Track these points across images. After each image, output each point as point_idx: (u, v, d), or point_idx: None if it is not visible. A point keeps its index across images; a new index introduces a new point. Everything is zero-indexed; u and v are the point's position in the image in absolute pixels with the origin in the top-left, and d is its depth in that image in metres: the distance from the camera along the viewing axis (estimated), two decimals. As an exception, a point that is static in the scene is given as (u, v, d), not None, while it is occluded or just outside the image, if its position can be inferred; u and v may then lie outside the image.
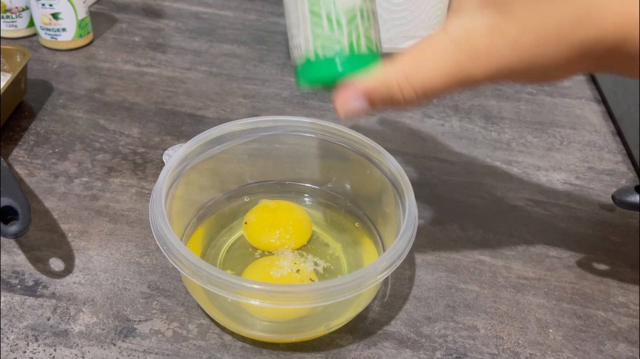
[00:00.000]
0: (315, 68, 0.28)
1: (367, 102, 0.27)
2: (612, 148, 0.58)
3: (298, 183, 0.45)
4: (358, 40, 0.27)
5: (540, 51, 0.24)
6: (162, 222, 0.32)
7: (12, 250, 0.41)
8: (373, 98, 0.27)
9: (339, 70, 0.27)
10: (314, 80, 0.28)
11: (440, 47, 0.26)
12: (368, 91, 0.27)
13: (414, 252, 0.44)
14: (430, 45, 0.26)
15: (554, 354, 0.37)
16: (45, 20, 0.62)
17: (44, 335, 0.35)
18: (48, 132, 0.52)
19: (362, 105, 0.27)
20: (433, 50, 0.26)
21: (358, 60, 0.27)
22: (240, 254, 0.41)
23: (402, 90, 0.26)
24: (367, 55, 0.27)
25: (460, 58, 0.25)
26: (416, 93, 0.26)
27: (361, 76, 0.27)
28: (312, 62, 0.28)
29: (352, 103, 0.27)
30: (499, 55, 0.25)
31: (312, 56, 0.27)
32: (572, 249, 0.45)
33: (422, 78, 0.26)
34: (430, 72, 0.26)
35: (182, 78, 0.62)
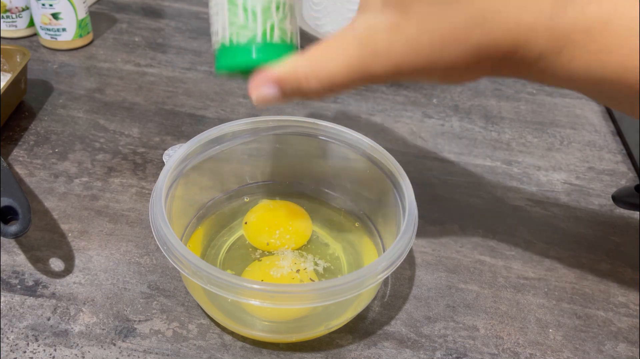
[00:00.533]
0: (230, 54, 0.29)
1: (277, 89, 0.28)
2: (612, 148, 0.58)
3: (298, 183, 0.45)
4: (272, 30, 0.29)
5: (437, 51, 0.25)
6: (162, 222, 0.32)
7: (12, 250, 0.41)
8: (283, 86, 0.28)
9: (252, 57, 0.29)
10: (228, 66, 0.30)
11: (345, 42, 0.27)
12: (278, 79, 0.28)
13: (414, 252, 0.44)
14: (336, 39, 0.27)
15: (554, 354, 0.37)
16: (45, 20, 0.62)
17: (44, 335, 0.35)
18: (48, 132, 0.52)
19: (273, 92, 0.29)
20: (338, 45, 0.27)
21: (271, 49, 0.29)
22: (240, 254, 0.41)
23: (307, 80, 0.27)
24: (279, 45, 0.29)
25: (361, 53, 0.26)
26: (321, 85, 0.27)
27: (273, 65, 0.28)
28: (228, 49, 0.29)
29: (264, 90, 0.29)
30: (398, 53, 0.25)
31: (227, 43, 0.29)
32: (572, 249, 0.45)
33: (327, 71, 0.27)
34: (334, 66, 0.27)
35: (182, 78, 0.62)
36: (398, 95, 0.63)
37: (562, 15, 0.24)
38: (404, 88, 0.64)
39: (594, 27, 0.23)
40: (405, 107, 0.61)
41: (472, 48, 0.24)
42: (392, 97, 0.62)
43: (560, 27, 0.24)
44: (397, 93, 0.63)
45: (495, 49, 0.24)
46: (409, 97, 0.63)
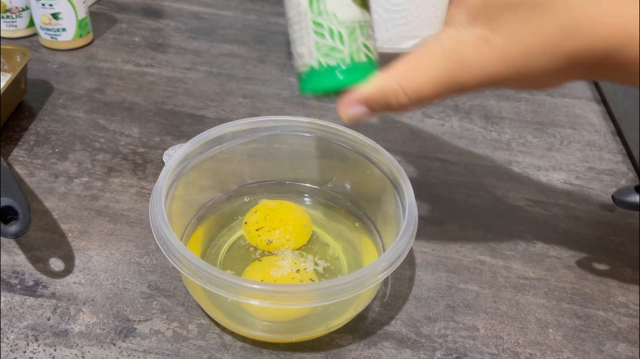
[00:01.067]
0: (319, 77, 0.30)
1: (366, 107, 0.29)
2: (612, 148, 0.58)
3: (298, 183, 0.45)
4: (358, 51, 0.29)
5: (527, 62, 0.25)
6: (162, 222, 0.32)
7: (12, 250, 0.41)
8: (371, 104, 0.29)
9: (341, 78, 0.29)
10: (317, 88, 0.30)
11: (432, 56, 0.27)
12: (366, 98, 0.29)
13: (414, 252, 0.44)
14: (423, 54, 0.28)
15: (554, 354, 0.37)
16: (45, 20, 0.62)
17: (44, 335, 0.35)
18: (48, 132, 0.52)
19: (362, 110, 0.30)
20: (425, 59, 0.27)
21: (358, 68, 0.29)
22: (240, 254, 0.41)
23: (396, 96, 0.28)
24: (365, 64, 0.30)
25: (449, 67, 0.26)
26: (409, 99, 0.28)
27: (360, 84, 0.29)
28: (316, 71, 0.30)
29: (353, 109, 0.30)
30: (487, 65, 0.26)
31: (316, 65, 0.29)
32: (572, 249, 0.45)
33: (414, 86, 0.28)
34: (421, 80, 0.27)
35: (182, 78, 0.62)
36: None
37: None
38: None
39: None
40: (405, 107, 0.61)
41: (565, 56, 0.24)
42: (392, 97, 0.62)
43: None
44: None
45: (589, 55, 0.24)
46: (409, 97, 0.62)
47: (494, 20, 0.25)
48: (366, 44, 0.30)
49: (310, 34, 0.29)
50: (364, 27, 0.29)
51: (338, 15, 0.29)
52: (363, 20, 0.29)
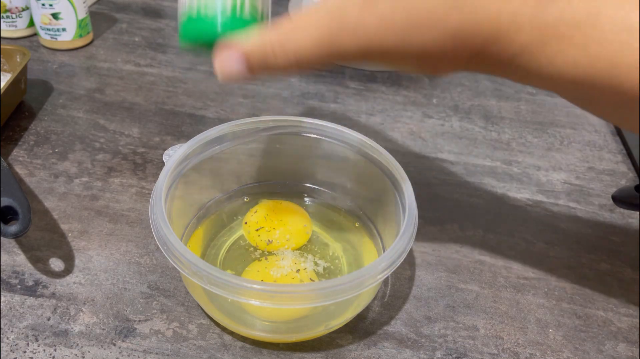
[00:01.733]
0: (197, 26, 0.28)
1: (245, 64, 0.27)
2: (612, 148, 0.58)
3: (298, 183, 0.45)
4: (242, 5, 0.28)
5: (410, 30, 0.24)
6: (162, 222, 0.32)
7: (12, 250, 0.41)
8: (250, 62, 0.27)
9: (218, 29, 0.28)
10: (193, 38, 0.29)
11: (316, 16, 0.26)
12: (246, 53, 0.27)
13: (414, 252, 0.44)
14: (308, 14, 0.26)
15: (554, 354, 0.37)
16: (45, 20, 0.62)
17: (44, 335, 0.35)
18: (48, 132, 0.52)
19: (241, 67, 0.28)
20: (309, 19, 0.26)
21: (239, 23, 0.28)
22: (240, 254, 0.41)
23: (276, 55, 0.26)
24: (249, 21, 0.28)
25: (331, 26, 0.25)
26: (289, 60, 0.26)
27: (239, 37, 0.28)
28: (194, 20, 0.28)
29: (231, 65, 0.28)
30: (369, 28, 0.25)
31: (194, 14, 0.28)
32: (572, 249, 0.45)
33: (295, 45, 0.26)
34: (302, 40, 0.26)
35: (182, 78, 0.62)
36: (398, 95, 0.63)
37: (548, 7, 0.23)
38: (404, 88, 0.64)
39: (582, 21, 0.22)
40: (405, 107, 0.61)
41: (449, 31, 0.24)
42: (392, 97, 0.62)
43: (546, 18, 0.23)
44: (397, 93, 0.63)
45: (474, 35, 0.23)
46: (409, 97, 0.63)
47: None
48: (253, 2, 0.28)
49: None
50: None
51: None
52: None
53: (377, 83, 0.65)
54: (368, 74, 0.66)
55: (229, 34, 0.28)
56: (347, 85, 0.63)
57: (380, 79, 0.65)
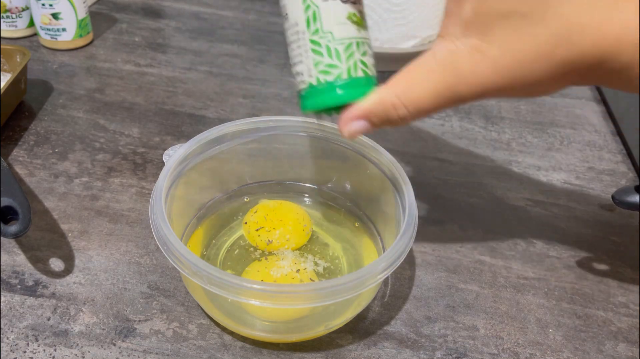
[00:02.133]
0: (318, 94, 0.30)
1: (366, 122, 0.30)
2: (612, 148, 0.58)
3: (298, 183, 0.45)
4: (355, 66, 0.30)
5: (521, 70, 0.25)
6: (162, 222, 0.32)
7: (12, 250, 0.41)
8: (371, 119, 0.30)
9: (339, 94, 0.30)
10: (317, 105, 0.31)
11: (428, 68, 0.27)
12: (367, 113, 0.29)
13: (414, 252, 0.44)
14: (419, 66, 0.28)
15: (554, 354, 0.37)
16: (45, 20, 0.62)
17: (44, 335, 0.35)
18: (48, 132, 0.52)
19: (363, 125, 0.30)
20: (421, 72, 0.28)
21: (355, 84, 0.30)
22: (240, 254, 0.41)
23: (396, 109, 0.29)
24: (363, 79, 0.30)
25: (446, 78, 0.27)
26: (409, 112, 0.28)
27: (359, 99, 0.30)
28: (315, 88, 0.30)
29: (354, 125, 0.30)
30: (482, 75, 0.26)
31: (315, 82, 0.30)
32: (572, 249, 0.45)
33: (413, 98, 0.28)
34: (419, 93, 0.28)
35: (182, 78, 0.62)
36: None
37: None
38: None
39: None
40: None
41: (558, 63, 0.25)
42: (392, 97, 0.62)
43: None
44: (397, 93, 0.63)
45: (581, 62, 0.25)
46: (409, 97, 0.62)
47: (487, 30, 0.25)
48: (363, 60, 0.30)
49: (309, 53, 0.30)
50: (361, 44, 0.30)
51: (334, 33, 0.29)
52: (360, 38, 0.30)
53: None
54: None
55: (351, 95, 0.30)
56: (347, 85, 0.63)
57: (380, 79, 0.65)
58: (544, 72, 0.25)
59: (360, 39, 0.30)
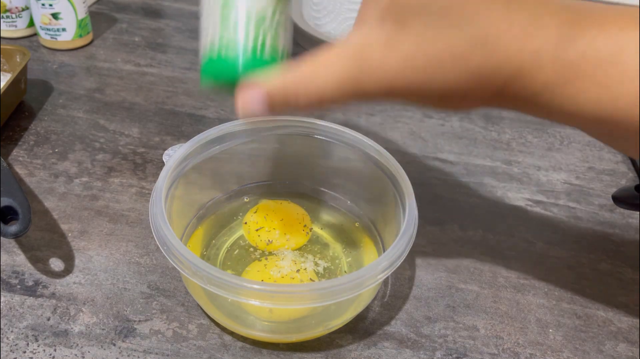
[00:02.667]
0: (218, 66, 0.29)
1: (266, 104, 0.28)
2: (612, 148, 0.58)
3: (298, 183, 0.45)
4: (263, 46, 0.28)
5: (432, 71, 0.24)
6: (162, 222, 0.32)
7: (12, 250, 0.41)
8: (272, 101, 0.28)
9: (240, 70, 0.28)
10: (214, 78, 0.29)
11: (337, 56, 0.26)
12: (267, 93, 0.28)
13: (414, 252, 0.44)
14: (329, 54, 0.26)
15: (554, 354, 0.37)
16: (45, 20, 0.62)
17: (44, 335, 0.35)
18: (48, 132, 0.52)
19: (262, 106, 0.28)
20: (330, 59, 0.26)
21: (260, 63, 0.28)
22: (240, 254, 0.41)
23: (298, 95, 0.27)
24: (269, 60, 0.29)
25: (353, 69, 0.25)
26: (310, 100, 0.27)
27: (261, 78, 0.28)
28: (215, 60, 0.29)
29: (253, 104, 0.28)
30: (392, 69, 0.24)
31: (215, 55, 0.29)
32: (572, 249, 0.45)
33: (317, 86, 0.26)
34: (324, 80, 0.26)
35: (182, 78, 0.62)
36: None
37: (569, 46, 0.23)
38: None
39: (604, 59, 0.22)
40: (405, 107, 0.61)
41: (471, 71, 0.23)
42: (392, 97, 0.62)
43: (568, 57, 0.23)
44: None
45: (496, 74, 0.23)
46: (409, 97, 0.63)
47: (403, 22, 0.24)
48: (274, 42, 0.29)
49: (217, 25, 0.28)
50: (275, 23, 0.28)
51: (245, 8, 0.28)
52: (275, 17, 0.28)
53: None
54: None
55: (250, 74, 0.28)
56: (347, 85, 0.63)
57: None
58: (456, 79, 0.24)
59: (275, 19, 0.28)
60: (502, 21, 0.23)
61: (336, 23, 0.65)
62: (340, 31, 0.65)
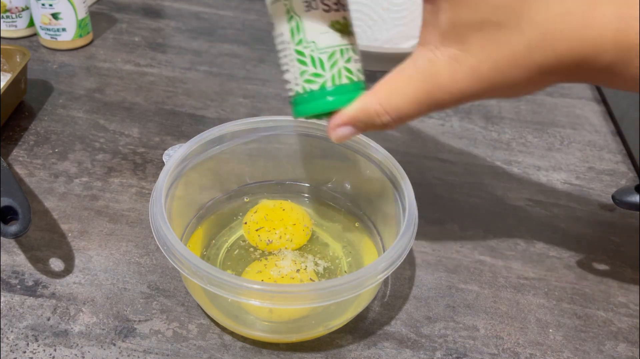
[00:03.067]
0: (304, 101, 0.32)
1: (352, 128, 0.31)
2: (612, 148, 0.58)
3: (298, 183, 0.45)
4: (339, 74, 0.31)
5: (498, 77, 0.26)
6: (162, 222, 0.32)
7: (12, 250, 0.41)
8: (356, 124, 0.31)
9: (324, 101, 0.31)
10: (304, 112, 0.32)
11: (408, 76, 0.29)
12: (351, 119, 0.31)
13: (414, 252, 0.44)
14: (400, 74, 0.29)
15: (554, 354, 0.37)
16: (45, 20, 0.62)
17: (44, 335, 0.35)
18: (48, 132, 0.52)
19: (349, 130, 0.31)
20: (402, 80, 0.29)
21: (340, 91, 0.31)
22: (240, 254, 0.41)
23: (379, 116, 0.30)
24: (348, 85, 0.31)
25: (426, 86, 0.28)
26: (392, 118, 0.29)
27: (345, 105, 0.31)
28: (301, 96, 0.32)
29: (340, 131, 0.31)
30: (460, 82, 0.27)
31: (301, 91, 0.31)
32: (572, 249, 0.45)
33: (395, 106, 0.29)
34: (401, 100, 0.29)
35: (182, 78, 0.62)
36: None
37: (629, 29, 0.24)
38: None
39: None
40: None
41: (534, 68, 0.25)
42: (392, 97, 0.62)
43: (628, 40, 0.24)
44: (397, 93, 0.63)
45: (559, 65, 0.25)
46: (409, 97, 0.62)
47: (464, 40, 0.26)
48: (347, 67, 0.31)
49: (294, 62, 0.31)
50: (345, 50, 0.31)
51: (317, 43, 0.30)
52: (344, 45, 0.31)
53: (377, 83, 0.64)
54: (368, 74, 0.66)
55: (336, 102, 0.31)
56: (347, 85, 0.63)
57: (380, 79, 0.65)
58: (521, 77, 0.26)
59: (344, 45, 0.31)
60: (559, 18, 0.24)
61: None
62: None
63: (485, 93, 0.27)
